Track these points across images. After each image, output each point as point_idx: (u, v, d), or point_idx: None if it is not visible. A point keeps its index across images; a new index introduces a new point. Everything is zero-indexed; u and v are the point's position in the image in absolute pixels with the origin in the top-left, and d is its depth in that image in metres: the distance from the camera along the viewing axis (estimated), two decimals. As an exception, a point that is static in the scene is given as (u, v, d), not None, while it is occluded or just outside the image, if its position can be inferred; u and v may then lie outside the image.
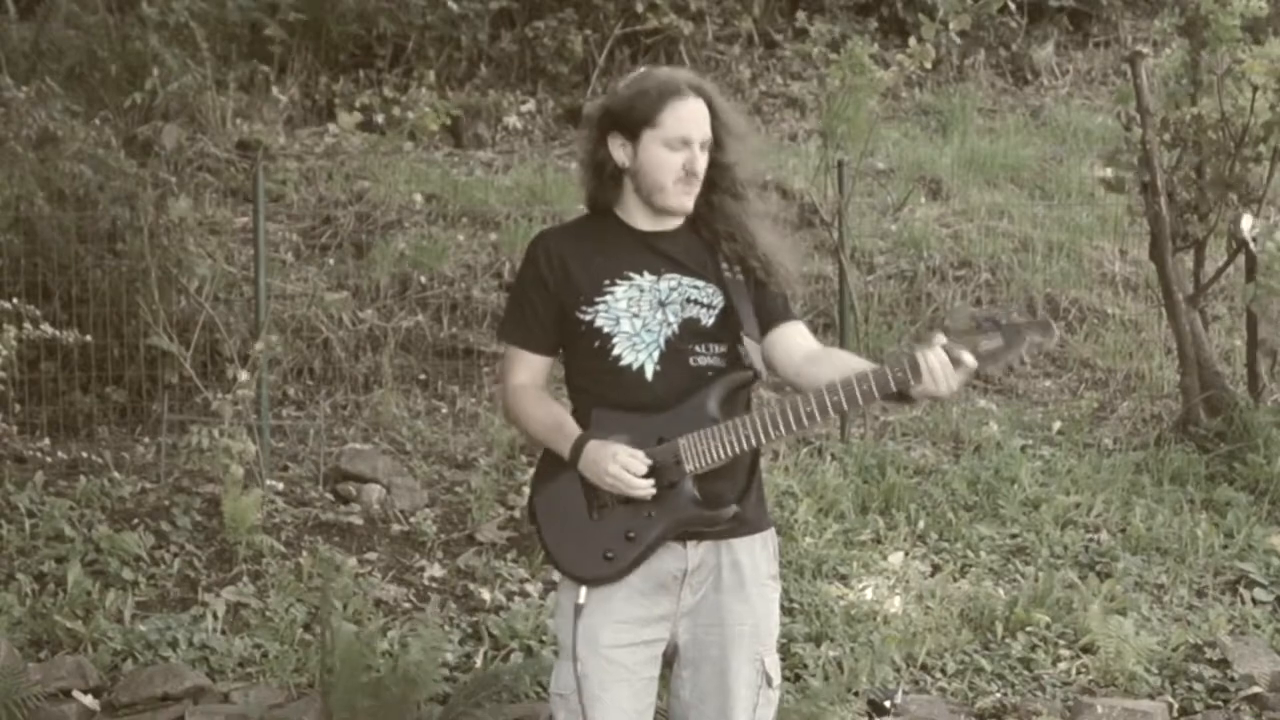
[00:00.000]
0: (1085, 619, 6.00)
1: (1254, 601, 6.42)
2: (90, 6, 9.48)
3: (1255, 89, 7.28)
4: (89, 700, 5.21)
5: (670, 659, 3.60)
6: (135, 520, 6.07)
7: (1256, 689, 5.80)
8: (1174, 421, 7.67)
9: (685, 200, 3.61)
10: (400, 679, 5.06)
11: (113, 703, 5.22)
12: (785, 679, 5.50)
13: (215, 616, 5.60)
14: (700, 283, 3.61)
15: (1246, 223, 7.44)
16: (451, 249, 8.33)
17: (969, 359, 3.38)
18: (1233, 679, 5.85)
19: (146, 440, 6.87)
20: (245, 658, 5.44)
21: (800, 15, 11.34)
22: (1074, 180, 10.10)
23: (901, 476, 6.96)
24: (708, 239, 3.67)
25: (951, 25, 8.35)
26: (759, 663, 3.58)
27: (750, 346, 3.57)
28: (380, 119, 9.43)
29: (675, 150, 3.58)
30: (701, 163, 3.60)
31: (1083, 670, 5.87)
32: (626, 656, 3.52)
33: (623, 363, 3.55)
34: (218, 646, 5.45)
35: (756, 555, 3.60)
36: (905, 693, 5.59)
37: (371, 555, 6.13)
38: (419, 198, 8.76)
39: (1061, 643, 6.00)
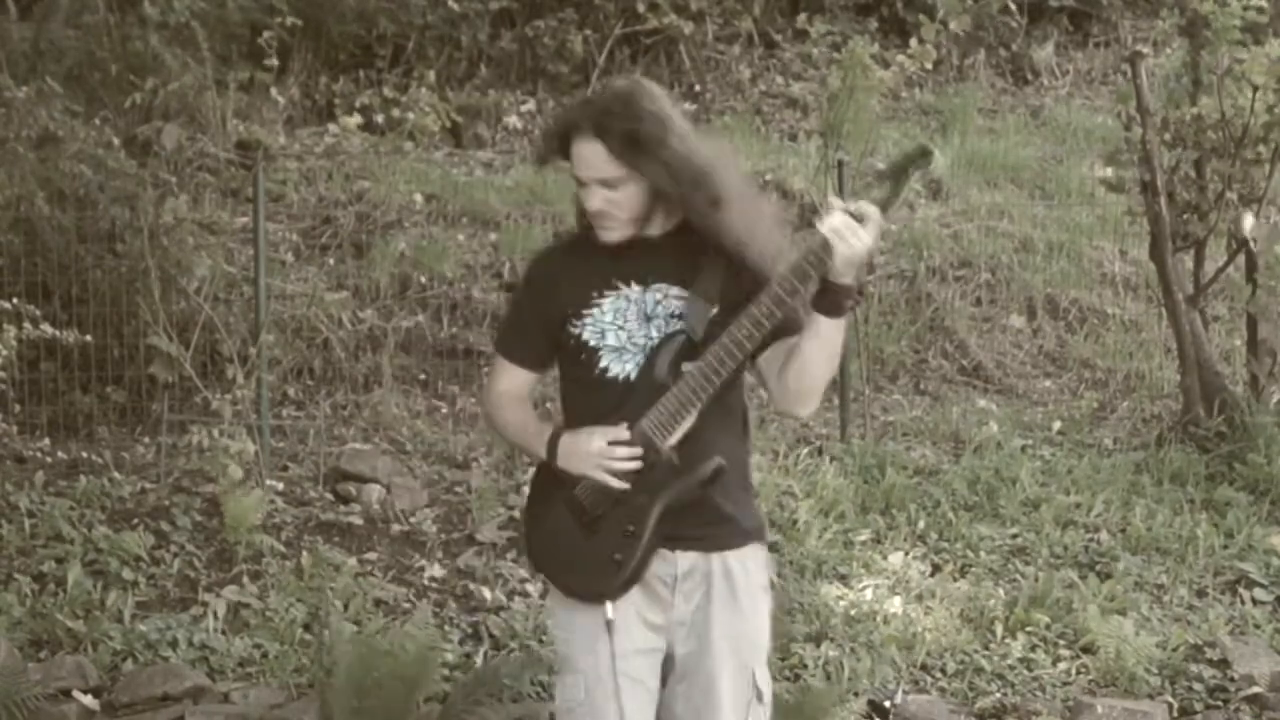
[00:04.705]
0: (1085, 619, 6.00)
1: (1254, 601, 6.42)
2: (91, 6, 9.46)
3: (1255, 89, 7.27)
4: (89, 700, 5.21)
5: (666, 673, 3.53)
6: (135, 520, 6.07)
7: (1256, 689, 5.81)
8: (1174, 421, 7.66)
9: (604, 234, 3.51)
10: (399, 679, 5.06)
11: (113, 703, 5.22)
12: (785, 679, 5.51)
13: (215, 616, 5.59)
14: (687, 294, 3.49)
15: (1248, 223, 7.44)
16: (451, 249, 8.32)
17: (868, 209, 3.35)
18: (1233, 679, 5.85)
19: (146, 440, 6.86)
20: (245, 658, 5.44)
21: (801, 15, 11.33)
22: (1074, 180, 10.08)
23: (901, 476, 6.95)
24: (700, 245, 3.49)
25: (951, 25, 8.34)
26: (749, 674, 3.50)
27: (693, 307, 3.48)
28: (380, 119, 9.42)
29: (582, 186, 3.49)
30: (596, 200, 3.46)
31: (1083, 670, 5.87)
32: (635, 668, 3.47)
33: (609, 374, 3.51)
34: (218, 646, 5.44)
35: (749, 564, 3.54)
36: (905, 693, 5.58)
37: (371, 555, 6.13)
38: (419, 198, 8.75)
39: (1061, 643, 6.00)
